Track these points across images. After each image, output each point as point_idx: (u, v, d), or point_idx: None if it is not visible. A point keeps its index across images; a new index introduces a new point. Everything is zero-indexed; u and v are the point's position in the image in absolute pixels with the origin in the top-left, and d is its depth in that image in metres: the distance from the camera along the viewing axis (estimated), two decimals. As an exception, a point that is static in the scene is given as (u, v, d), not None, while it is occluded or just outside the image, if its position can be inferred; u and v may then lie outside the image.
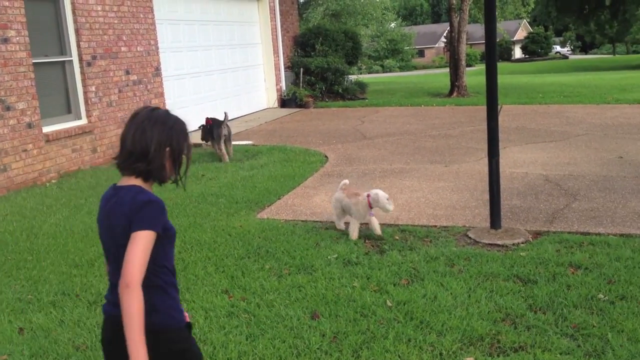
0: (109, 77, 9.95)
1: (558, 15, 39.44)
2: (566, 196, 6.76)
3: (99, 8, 9.73)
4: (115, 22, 10.10)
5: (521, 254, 5.11)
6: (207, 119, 10.17)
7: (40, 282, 4.94)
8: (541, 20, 54.61)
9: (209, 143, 9.89)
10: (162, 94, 11.33)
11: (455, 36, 18.40)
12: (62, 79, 9.31)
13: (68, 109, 9.40)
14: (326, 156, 9.67)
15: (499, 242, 5.44)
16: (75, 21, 9.28)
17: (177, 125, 2.27)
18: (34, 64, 8.52)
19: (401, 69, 64.48)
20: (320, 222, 6.32)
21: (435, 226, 6.00)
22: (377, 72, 57.35)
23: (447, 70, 20.47)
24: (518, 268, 4.80)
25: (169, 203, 7.08)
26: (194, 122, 12.59)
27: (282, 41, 16.82)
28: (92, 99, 9.57)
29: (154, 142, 2.19)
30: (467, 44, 18.78)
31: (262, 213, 6.71)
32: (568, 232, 5.62)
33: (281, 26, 16.78)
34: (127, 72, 10.39)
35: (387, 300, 4.32)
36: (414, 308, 4.18)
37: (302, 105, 16.26)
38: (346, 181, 6.04)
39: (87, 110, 9.53)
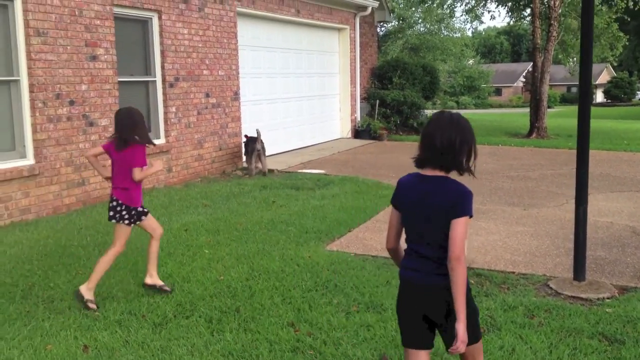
0: (189, 99, 10.12)
1: (645, 60, 38.08)
2: (655, 251, 6.33)
3: (185, 32, 9.94)
4: (200, 45, 10.29)
5: (607, 310, 4.76)
6: (245, 136, 10.89)
7: (108, 300, 4.94)
8: (627, 64, 52.91)
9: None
10: (239, 118, 11.44)
11: (538, 76, 17.94)
12: (145, 99, 9.52)
13: (148, 127, 9.57)
14: (399, 191, 9.46)
15: (583, 296, 5.10)
16: (161, 43, 9.50)
17: (470, 127, 2.81)
18: (119, 82, 8.75)
19: (476, 106, 63.62)
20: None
21: (514, 272, 5.70)
22: (451, 107, 56.68)
23: (525, 110, 20.05)
24: (604, 325, 4.46)
25: (239, 228, 7.04)
26: (267, 149, 12.66)
27: (360, 72, 16.80)
28: (172, 120, 9.73)
29: (458, 140, 2.71)
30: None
31: (331, 245, 6.57)
32: (659, 290, 5.22)
33: (360, 57, 16.79)
34: (207, 95, 10.54)
35: (461, 349, 4.07)
36: (490, 360, 3.92)
37: (375, 137, 16.13)
38: None
39: (166, 130, 9.69)
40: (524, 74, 75.79)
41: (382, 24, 25.21)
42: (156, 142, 9.55)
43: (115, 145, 4.79)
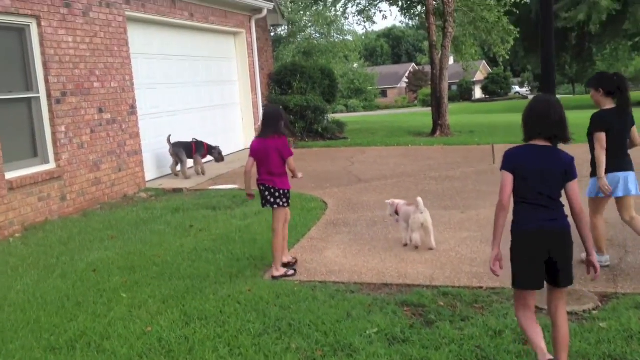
0: (81, 116, 8.91)
1: (525, 55, 39.74)
2: (614, 248, 5.95)
3: (70, 39, 8.73)
4: (88, 55, 9.10)
5: (601, 325, 4.24)
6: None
7: (8, 375, 3.86)
8: (505, 60, 55.29)
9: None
10: (137, 134, 10.29)
11: (437, 74, 17.83)
12: (28, 118, 8.24)
13: (34, 151, 8.31)
14: (324, 202, 8.75)
15: (567, 309, 4.55)
16: (43, 53, 8.26)
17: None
18: (-4, 100, 7.48)
19: (365, 108, 64.40)
20: (342, 283, 5.37)
21: (481, 287, 5.11)
22: (341, 111, 56.94)
23: (412, 110, 20.02)
24: (607, 345, 3.92)
25: (158, 261, 6.05)
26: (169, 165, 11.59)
27: (259, 78, 15.98)
28: (62, 141, 8.50)
29: (564, 116, 3.44)
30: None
31: (270, 272, 5.73)
32: (641, 294, 4.79)
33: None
34: (100, 110, 9.35)
35: (465, 396, 3.38)
36: (503, 407, 3.25)
37: (281, 145, 15.33)
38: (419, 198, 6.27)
39: (56, 153, 8.44)
40: (406, 74, 77.81)
41: (272, 28, 24.51)
42: (45, 167, 8.34)
43: (262, 134, 5.59)
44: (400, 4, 21.12)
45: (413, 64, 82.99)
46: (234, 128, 15.07)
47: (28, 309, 4.90)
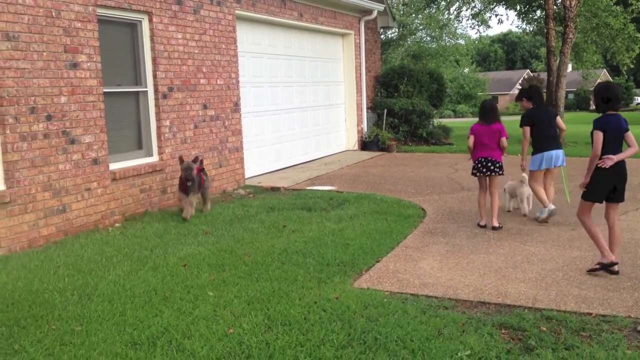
0: (185, 112, 9.04)
1: (650, 63, 37.27)
2: None
3: (179, 36, 8.88)
4: (196, 52, 9.23)
5: None
6: (180, 158, 8.02)
7: (87, 367, 3.84)
8: (629, 70, 52.05)
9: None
10: (239, 132, 10.36)
11: (553, 81, 16.94)
12: (135, 111, 8.44)
13: (139, 144, 8.50)
14: (423, 209, 8.40)
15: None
16: (153, 49, 8.43)
17: None
18: (105, 93, 7.68)
19: (473, 114, 62.79)
20: (436, 297, 5.04)
21: (590, 314, 4.62)
22: (448, 116, 55.80)
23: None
24: None
25: (248, 261, 5.96)
26: (270, 165, 11.63)
27: (365, 80, 15.77)
28: (166, 135, 8.65)
29: (617, 93, 5.50)
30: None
31: (360, 280, 5.49)
32: None
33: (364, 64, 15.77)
34: (205, 107, 9.46)
35: None
36: None
37: (384, 148, 15.08)
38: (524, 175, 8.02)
39: (160, 147, 8.60)
40: (520, 81, 75.20)
41: (383, 31, 24.24)
42: (148, 160, 8.50)
43: (484, 122, 7.53)
44: (518, 7, 20.27)
45: (528, 70, 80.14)
46: (337, 128, 14.93)
47: (116, 300, 4.92)
